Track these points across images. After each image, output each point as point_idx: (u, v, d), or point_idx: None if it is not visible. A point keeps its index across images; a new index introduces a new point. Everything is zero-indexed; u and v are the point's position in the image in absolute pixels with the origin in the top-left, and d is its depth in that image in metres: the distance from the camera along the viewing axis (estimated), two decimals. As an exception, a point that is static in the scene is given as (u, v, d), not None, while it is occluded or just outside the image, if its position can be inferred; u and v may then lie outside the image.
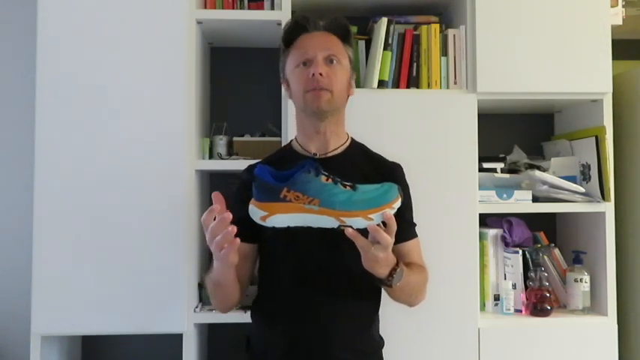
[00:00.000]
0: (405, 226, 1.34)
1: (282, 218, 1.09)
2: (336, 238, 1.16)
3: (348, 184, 1.12)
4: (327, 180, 1.11)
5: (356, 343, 1.33)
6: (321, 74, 1.29)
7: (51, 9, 1.73)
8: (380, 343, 1.40)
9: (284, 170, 1.14)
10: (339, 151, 1.39)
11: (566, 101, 1.99)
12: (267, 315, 1.37)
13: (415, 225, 1.40)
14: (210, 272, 1.27)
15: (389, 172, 1.38)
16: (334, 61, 1.33)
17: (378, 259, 1.13)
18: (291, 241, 1.12)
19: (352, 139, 1.44)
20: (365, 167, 1.38)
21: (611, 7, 1.93)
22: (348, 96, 1.40)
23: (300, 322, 1.30)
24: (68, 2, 1.73)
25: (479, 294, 1.83)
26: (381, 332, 1.42)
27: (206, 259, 1.99)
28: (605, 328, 1.85)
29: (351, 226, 1.09)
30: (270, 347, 1.33)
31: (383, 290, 1.34)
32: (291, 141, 1.46)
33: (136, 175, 1.73)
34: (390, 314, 1.50)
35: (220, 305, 1.37)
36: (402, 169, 1.42)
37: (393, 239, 1.12)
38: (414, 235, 1.38)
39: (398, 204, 1.11)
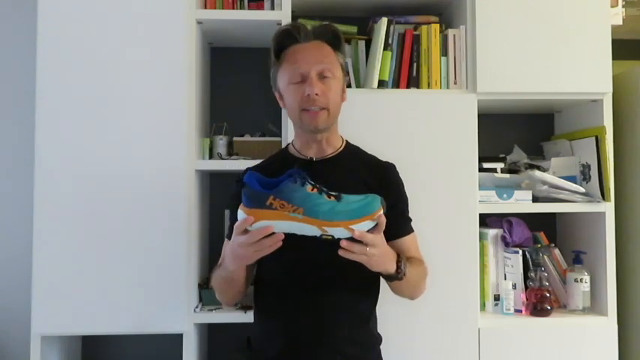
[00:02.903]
0: (402, 222, 1.38)
1: (266, 225, 1.12)
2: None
3: (333, 194, 1.15)
4: (312, 190, 1.14)
5: (354, 337, 1.33)
6: (317, 94, 1.30)
7: (51, 9, 1.73)
8: (378, 339, 1.42)
9: (278, 174, 1.17)
10: (334, 154, 1.40)
11: (566, 101, 1.99)
12: (265, 312, 1.38)
13: (411, 220, 1.42)
14: (219, 271, 1.32)
15: (382, 172, 1.40)
16: (328, 76, 1.33)
17: (379, 258, 1.16)
18: (288, 238, 1.14)
19: (347, 141, 1.45)
20: (359, 168, 1.39)
21: (611, 7, 1.93)
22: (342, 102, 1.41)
23: (298, 318, 1.31)
24: (68, 3, 1.73)
25: (479, 294, 1.83)
26: (382, 331, 1.43)
27: (206, 259, 2.00)
28: (605, 328, 1.85)
29: (332, 236, 1.13)
30: (270, 344, 1.34)
31: (382, 286, 1.36)
32: (288, 145, 1.47)
33: (136, 175, 1.73)
34: (391, 314, 1.50)
35: (229, 299, 1.40)
36: (394, 167, 1.44)
37: (382, 236, 1.16)
38: (411, 231, 1.40)
39: (379, 215, 1.14)
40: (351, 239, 1.12)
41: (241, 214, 1.14)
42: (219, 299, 1.42)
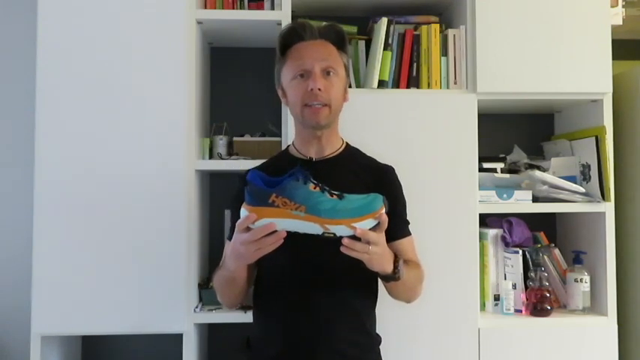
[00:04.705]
0: (399, 225, 1.38)
1: (269, 222, 1.12)
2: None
3: (336, 193, 1.15)
4: (314, 188, 1.14)
5: (354, 338, 1.33)
6: (320, 89, 1.31)
7: (51, 9, 1.73)
8: (377, 339, 1.42)
9: (279, 175, 1.17)
10: (334, 154, 1.41)
11: (566, 101, 1.99)
12: (264, 312, 1.39)
13: (409, 223, 1.42)
14: (221, 272, 1.32)
15: (381, 174, 1.41)
16: (331, 73, 1.34)
17: (379, 257, 1.17)
18: (288, 238, 1.14)
19: (347, 143, 1.46)
20: (358, 170, 1.40)
21: (611, 7, 1.93)
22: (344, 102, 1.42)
23: (297, 319, 1.31)
24: (68, 3, 1.74)
25: (479, 294, 1.83)
26: (382, 332, 1.42)
27: (206, 259, 2.00)
28: (605, 328, 1.85)
29: (334, 234, 1.13)
30: (269, 344, 1.34)
31: (381, 288, 1.36)
32: (289, 146, 1.48)
33: (136, 174, 1.73)
34: (391, 314, 1.50)
35: (230, 300, 1.40)
36: (393, 170, 1.44)
37: (383, 235, 1.16)
38: (408, 233, 1.40)
39: (381, 214, 1.15)
40: (353, 237, 1.12)
41: (244, 212, 1.14)
42: (220, 301, 1.43)
